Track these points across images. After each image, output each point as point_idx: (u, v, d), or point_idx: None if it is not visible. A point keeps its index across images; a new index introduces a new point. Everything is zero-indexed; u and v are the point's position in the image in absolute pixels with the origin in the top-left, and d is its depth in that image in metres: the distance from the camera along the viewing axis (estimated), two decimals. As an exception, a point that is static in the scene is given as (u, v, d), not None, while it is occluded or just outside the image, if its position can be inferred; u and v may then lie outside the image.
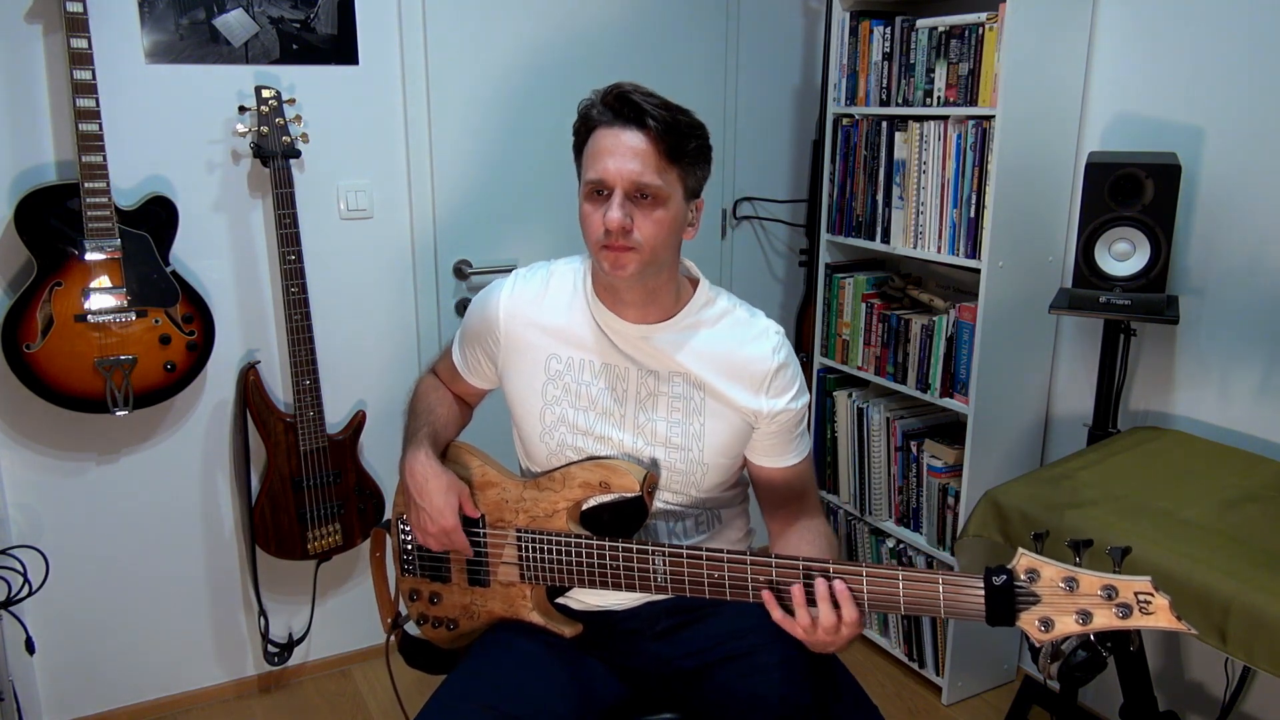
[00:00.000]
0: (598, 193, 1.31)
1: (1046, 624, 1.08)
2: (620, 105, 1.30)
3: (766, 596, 1.22)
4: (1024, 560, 1.09)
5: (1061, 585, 1.07)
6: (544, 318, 1.45)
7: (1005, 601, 1.09)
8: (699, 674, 1.43)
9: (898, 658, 2.64)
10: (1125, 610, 1.04)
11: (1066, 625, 1.07)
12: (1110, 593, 1.04)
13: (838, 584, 1.18)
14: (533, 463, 1.50)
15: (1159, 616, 1.02)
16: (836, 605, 1.18)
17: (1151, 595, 1.03)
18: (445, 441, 1.53)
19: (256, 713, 2.47)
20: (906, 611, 1.17)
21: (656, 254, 1.32)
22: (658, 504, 1.45)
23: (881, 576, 1.17)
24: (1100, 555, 1.09)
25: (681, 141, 1.31)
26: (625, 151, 1.28)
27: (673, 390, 1.41)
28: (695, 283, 1.46)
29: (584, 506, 1.41)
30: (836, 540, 1.49)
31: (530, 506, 1.41)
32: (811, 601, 1.20)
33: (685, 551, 1.28)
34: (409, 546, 1.51)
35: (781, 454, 1.46)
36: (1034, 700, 2.28)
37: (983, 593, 1.10)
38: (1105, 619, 1.05)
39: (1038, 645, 1.09)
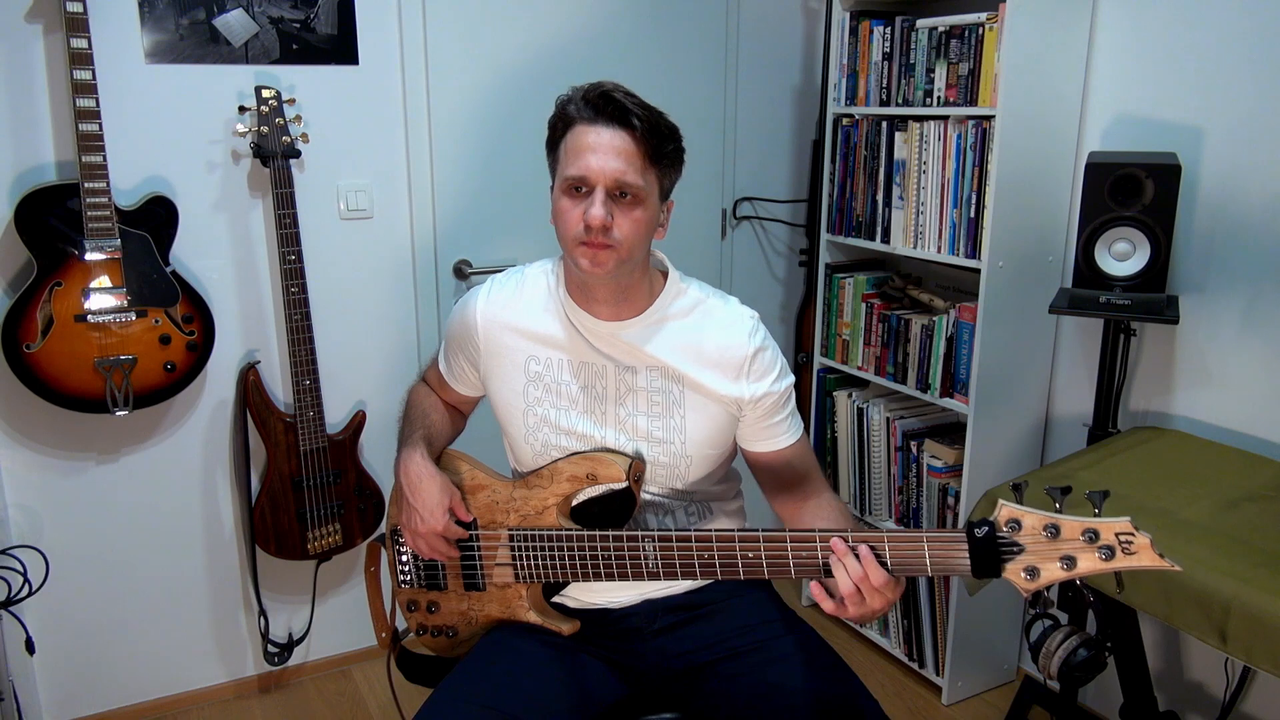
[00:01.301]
0: (576, 189, 1.32)
1: (1032, 572, 1.08)
2: (604, 104, 1.30)
3: (836, 545, 1.17)
4: (1005, 511, 1.09)
5: (1044, 533, 1.07)
6: (520, 321, 1.46)
7: (989, 553, 1.09)
8: (699, 672, 1.43)
9: (898, 658, 2.64)
10: (1108, 552, 1.03)
11: (1052, 572, 1.07)
12: (1092, 536, 1.04)
13: (862, 548, 1.16)
14: (520, 464, 1.51)
15: (1142, 556, 1.02)
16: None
17: (1133, 534, 1.02)
18: (439, 447, 1.54)
19: (256, 713, 2.47)
20: (895, 573, 1.16)
21: (633, 253, 1.33)
22: (645, 497, 1.45)
23: (867, 542, 1.17)
24: (1080, 502, 1.09)
25: (662, 143, 1.32)
26: (608, 150, 1.29)
27: (651, 385, 1.41)
28: (666, 275, 1.46)
29: (574, 501, 1.42)
30: (847, 510, 1.48)
31: (520, 505, 1.42)
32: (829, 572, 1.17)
33: (674, 534, 1.28)
34: (405, 557, 1.51)
35: (773, 436, 1.45)
36: (1034, 700, 2.29)
37: (967, 547, 1.11)
38: (1090, 563, 1.05)
39: (1026, 595, 1.09)
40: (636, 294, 1.41)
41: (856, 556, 1.16)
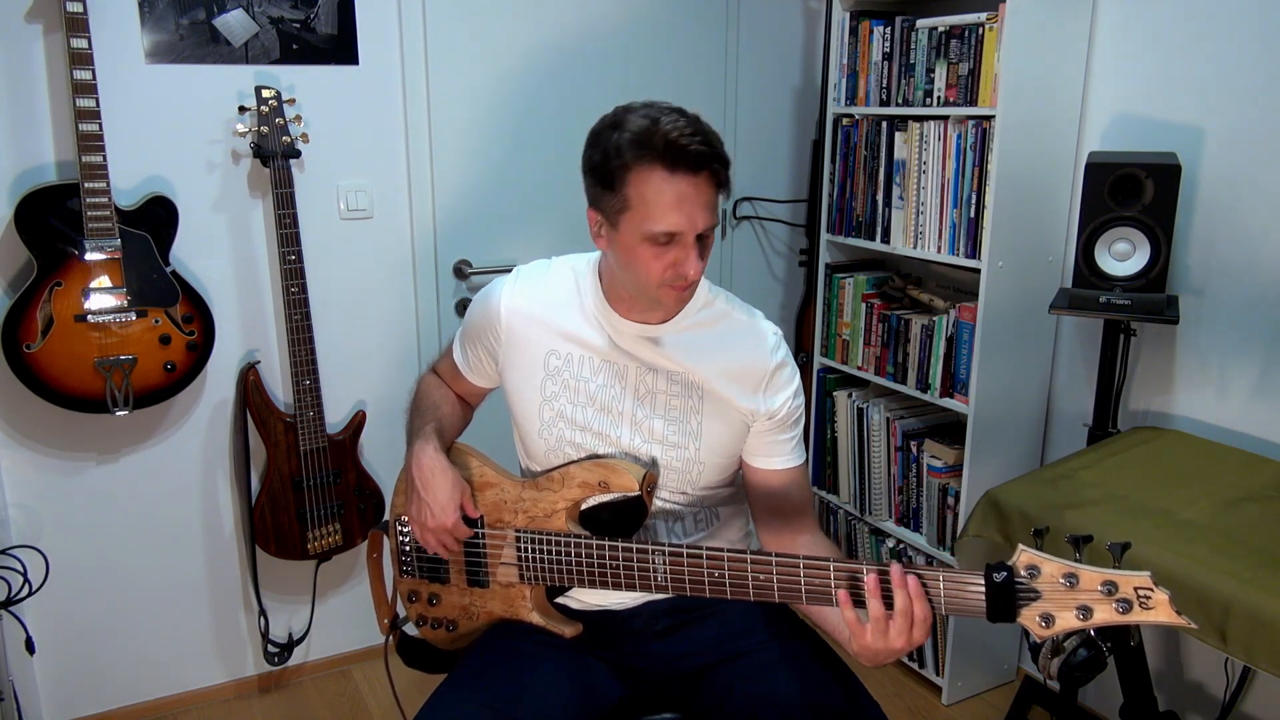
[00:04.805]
0: (662, 239, 1.28)
1: (1047, 620, 1.08)
2: (681, 152, 1.24)
3: (841, 596, 1.17)
4: (1024, 556, 1.09)
5: (1062, 581, 1.07)
6: (544, 314, 1.46)
7: (1006, 598, 1.09)
8: (700, 674, 1.42)
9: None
10: (1125, 605, 1.04)
11: (1067, 621, 1.07)
12: (1110, 588, 1.04)
13: (904, 573, 1.14)
14: (531, 459, 1.51)
15: (1159, 611, 1.02)
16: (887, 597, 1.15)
17: (1151, 590, 1.03)
18: (449, 440, 1.53)
19: (256, 713, 2.47)
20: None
21: None
22: (656, 502, 1.45)
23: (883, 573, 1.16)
24: (1100, 551, 1.09)
25: (727, 172, 1.30)
26: (695, 203, 1.26)
27: (671, 389, 1.42)
28: None
29: (583, 506, 1.41)
30: (840, 552, 1.47)
31: (529, 507, 1.41)
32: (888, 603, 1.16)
33: (685, 550, 1.28)
34: (408, 547, 1.51)
35: (775, 454, 1.45)
36: (1034, 700, 2.29)
37: (983, 590, 1.10)
38: (1106, 614, 1.05)
39: (1039, 641, 1.09)
40: None
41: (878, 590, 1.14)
